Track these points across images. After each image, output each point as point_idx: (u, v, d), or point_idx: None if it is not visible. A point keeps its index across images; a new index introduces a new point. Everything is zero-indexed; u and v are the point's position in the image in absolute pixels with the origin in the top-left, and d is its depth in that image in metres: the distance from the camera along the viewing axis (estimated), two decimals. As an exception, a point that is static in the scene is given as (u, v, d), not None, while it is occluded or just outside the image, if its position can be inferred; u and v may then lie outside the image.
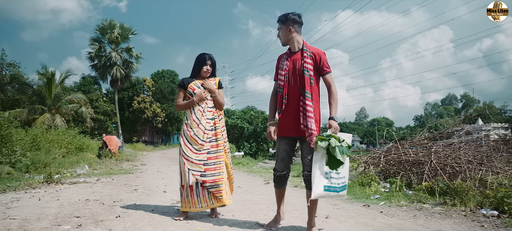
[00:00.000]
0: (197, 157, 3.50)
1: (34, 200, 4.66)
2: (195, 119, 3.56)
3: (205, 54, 3.69)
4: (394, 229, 3.20)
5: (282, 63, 3.06)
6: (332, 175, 2.75)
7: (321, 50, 3.02)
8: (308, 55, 2.96)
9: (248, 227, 3.26)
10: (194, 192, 3.48)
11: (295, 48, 3.04)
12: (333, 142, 2.72)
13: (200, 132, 3.53)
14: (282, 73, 3.02)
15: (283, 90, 3.00)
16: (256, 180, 7.76)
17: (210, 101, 3.65)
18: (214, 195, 3.49)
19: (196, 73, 3.70)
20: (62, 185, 6.33)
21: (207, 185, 3.47)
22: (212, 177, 3.48)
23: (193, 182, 3.46)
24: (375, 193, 5.19)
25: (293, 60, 3.01)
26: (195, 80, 3.68)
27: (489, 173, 4.65)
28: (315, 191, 2.70)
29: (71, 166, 9.76)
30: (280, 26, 3.08)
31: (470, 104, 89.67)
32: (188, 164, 3.49)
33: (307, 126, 2.85)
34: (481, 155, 5.15)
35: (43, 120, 20.17)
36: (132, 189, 5.80)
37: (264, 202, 4.70)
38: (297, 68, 2.97)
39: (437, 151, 5.62)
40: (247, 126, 33.19)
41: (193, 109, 3.60)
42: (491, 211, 3.80)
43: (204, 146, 3.52)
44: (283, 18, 3.04)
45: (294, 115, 2.94)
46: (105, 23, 31.77)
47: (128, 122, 40.72)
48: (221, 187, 3.49)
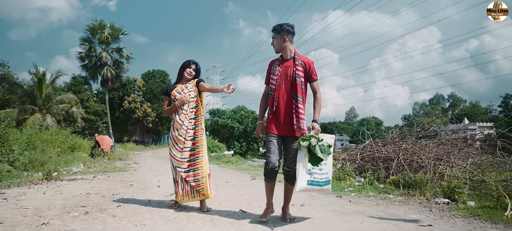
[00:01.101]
0: (181, 155, 3.90)
1: (39, 194, 5.12)
2: (179, 120, 3.95)
3: (190, 60, 4.10)
4: (357, 213, 3.76)
5: (274, 68, 3.35)
6: (315, 170, 3.10)
7: (310, 60, 3.35)
8: (299, 64, 3.28)
9: (232, 212, 3.80)
10: (179, 186, 3.92)
11: (288, 56, 3.35)
12: (313, 141, 3.08)
13: (183, 131, 3.92)
14: (274, 78, 3.32)
15: (274, 93, 3.30)
16: (243, 176, 8.29)
17: (192, 102, 3.99)
18: (196, 190, 3.87)
19: (180, 76, 4.10)
20: (61, 181, 6.77)
21: (189, 179, 3.87)
22: (193, 172, 3.88)
23: (179, 177, 3.91)
24: (349, 186, 5.76)
25: (285, 67, 3.32)
26: (177, 87, 4.05)
27: (446, 168, 5.26)
28: (299, 185, 3.06)
29: (66, 165, 10.16)
30: (274, 35, 3.37)
31: (457, 104, 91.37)
32: (175, 162, 3.93)
33: (300, 127, 3.19)
34: (443, 151, 5.75)
35: (34, 120, 20.31)
36: (128, 185, 6.29)
37: (248, 194, 5.23)
38: (289, 75, 3.28)
39: (406, 148, 6.22)
40: (237, 126, 33.57)
41: (177, 112, 3.98)
42: (443, 199, 4.39)
43: (186, 144, 3.91)
44: (279, 28, 3.33)
45: (284, 116, 3.27)
46: (96, 23, 31.94)
47: (118, 121, 40.89)
48: (202, 181, 3.86)
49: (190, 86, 4.06)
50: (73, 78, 37.73)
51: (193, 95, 4.01)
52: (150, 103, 42.36)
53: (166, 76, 45.99)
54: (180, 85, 4.07)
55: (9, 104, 24.02)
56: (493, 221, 3.30)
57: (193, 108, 4.00)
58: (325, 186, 3.14)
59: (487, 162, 5.30)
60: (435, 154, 5.68)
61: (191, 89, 4.04)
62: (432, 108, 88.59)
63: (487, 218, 3.40)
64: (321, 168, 3.13)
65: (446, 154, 5.58)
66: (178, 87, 4.06)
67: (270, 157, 3.27)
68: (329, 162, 3.18)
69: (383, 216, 3.65)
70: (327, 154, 3.16)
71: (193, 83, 4.08)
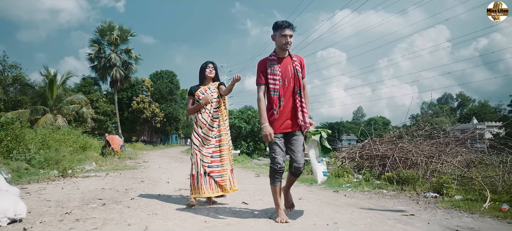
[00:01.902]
0: (207, 150, 4.12)
1: (58, 188, 5.55)
2: (202, 119, 4.17)
3: (206, 61, 4.39)
4: (349, 205, 4.11)
5: (274, 68, 3.30)
6: (323, 162, 3.33)
7: (302, 57, 3.46)
8: (296, 60, 3.37)
9: (235, 204, 4.18)
10: (202, 179, 4.06)
11: (286, 54, 3.37)
12: (324, 134, 3.25)
13: (207, 129, 4.15)
14: (276, 78, 3.28)
15: (279, 92, 3.28)
16: (248, 174, 8.66)
17: (216, 102, 4.22)
18: (219, 184, 4.08)
19: (202, 78, 4.36)
20: (76, 178, 7.21)
21: (213, 175, 4.07)
22: (218, 168, 4.10)
23: (203, 171, 4.08)
24: (347, 183, 6.09)
25: (284, 65, 3.32)
26: (201, 87, 4.31)
27: (438, 164, 5.58)
28: (320, 178, 3.30)
29: (79, 163, 10.62)
30: (292, 33, 3.30)
31: (465, 104, 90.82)
32: (200, 155, 4.11)
33: (305, 120, 3.27)
34: (436, 149, 6.06)
35: (45, 120, 20.85)
36: (139, 181, 6.69)
37: (251, 190, 5.59)
38: (291, 71, 3.30)
39: (403, 147, 6.53)
40: (245, 126, 33.94)
41: (200, 111, 4.21)
42: (432, 194, 4.72)
43: (210, 141, 4.13)
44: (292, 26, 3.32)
45: (291, 113, 3.29)
46: (105, 25, 32.61)
47: (127, 121, 41.54)
48: (225, 177, 4.10)
49: (213, 87, 4.31)
50: (83, 79, 38.44)
51: (216, 96, 4.26)
52: (158, 104, 42.92)
53: (174, 77, 46.53)
54: (203, 86, 4.33)
55: (21, 105, 24.64)
56: (471, 211, 3.63)
57: (216, 108, 4.23)
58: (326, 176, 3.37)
59: (476, 160, 5.60)
60: (427, 151, 5.99)
61: (214, 91, 4.29)
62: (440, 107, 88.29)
63: (466, 209, 3.72)
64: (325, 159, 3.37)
65: (438, 152, 5.89)
66: (201, 88, 4.32)
67: (277, 158, 3.23)
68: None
69: (373, 207, 3.99)
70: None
71: (215, 85, 4.34)
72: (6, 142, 9.55)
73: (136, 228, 2.93)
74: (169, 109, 42.91)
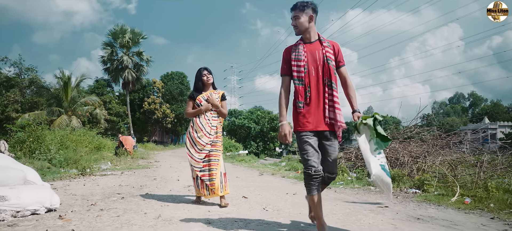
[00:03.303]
0: (199, 155, 4.25)
1: (80, 185, 6.21)
2: (199, 124, 4.29)
3: (200, 68, 4.44)
4: (335, 199, 4.68)
5: (299, 53, 2.83)
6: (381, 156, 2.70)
7: (336, 42, 2.96)
8: (328, 45, 2.87)
9: (236, 198, 4.79)
10: (195, 183, 4.34)
11: (312, 39, 2.89)
12: (377, 117, 2.70)
13: (204, 136, 4.26)
14: (301, 64, 2.80)
15: (304, 81, 2.80)
16: (252, 173, 9.27)
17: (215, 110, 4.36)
18: (210, 188, 4.21)
19: (198, 85, 4.40)
20: (95, 176, 7.88)
21: (204, 178, 4.23)
22: (208, 172, 4.23)
23: (195, 176, 4.31)
24: (341, 181, 6.65)
25: (311, 50, 2.85)
26: (203, 93, 4.39)
27: (423, 164, 6.11)
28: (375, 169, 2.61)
29: (95, 162, 11.35)
30: (297, 14, 2.85)
31: (477, 103, 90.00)
32: (191, 161, 4.30)
33: (336, 119, 2.73)
34: (422, 150, 6.57)
35: (60, 121, 21.53)
36: (152, 179, 7.34)
37: (253, 186, 6.19)
38: (319, 58, 2.81)
39: (394, 148, 7.06)
40: (254, 126, 34.50)
41: (199, 116, 4.33)
42: (414, 190, 5.26)
43: (205, 147, 4.25)
44: (303, 6, 2.84)
45: (320, 108, 2.77)
46: (117, 28, 33.60)
47: (139, 122, 42.49)
48: (215, 181, 4.18)
49: (216, 95, 4.39)
50: (96, 81, 39.50)
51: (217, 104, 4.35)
52: (169, 105, 43.80)
53: (185, 78, 47.37)
54: (205, 93, 4.40)
55: (37, 107, 25.47)
56: (439, 204, 4.18)
57: (215, 116, 4.36)
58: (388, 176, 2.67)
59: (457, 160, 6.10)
60: (414, 152, 6.51)
61: (216, 99, 4.37)
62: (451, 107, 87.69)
63: (436, 202, 4.27)
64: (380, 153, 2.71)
65: (424, 153, 6.40)
66: (204, 94, 4.39)
67: (310, 160, 2.67)
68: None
69: (356, 201, 4.56)
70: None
71: (219, 94, 4.43)
72: (28, 143, 10.31)
73: (151, 216, 3.55)
74: (180, 110, 43.75)
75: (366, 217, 3.48)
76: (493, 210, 3.76)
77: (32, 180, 4.29)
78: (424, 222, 3.32)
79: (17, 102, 26.16)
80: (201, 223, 3.28)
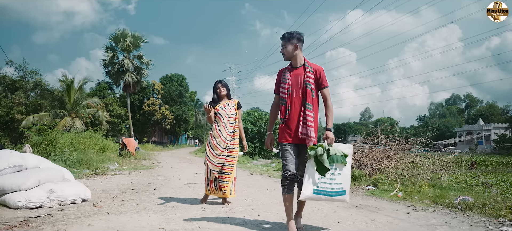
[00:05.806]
0: (217, 160, 4.70)
1: (98, 182, 7.46)
2: (218, 130, 4.75)
3: (216, 81, 4.92)
4: (304, 194, 5.94)
5: (285, 77, 3.36)
6: (324, 180, 3.12)
7: (320, 67, 3.35)
8: (310, 70, 3.30)
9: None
10: (212, 184, 4.80)
11: (297, 64, 3.36)
12: (319, 150, 3.10)
13: (222, 141, 4.71)
14: (285, 87, 3.32)
15: (286, 102, 3.31)
16: (243, 173, 10.52)
17: (232, 118, 4.79)
18: (221, 189, 4.73)
19: (214, 96, 4.88)
20: (107, 175, 9.13)
21: (219, 180, 4.73)
22: (223, 175, 4.72)
23: (213, 177, 4.76)
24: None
25: (295, 75, 3.33)
26: (220, 103, 4.84)
27: (381, 165, 7.38)
28: (304, 193, 3.11)
29: (103, 163, 12.59)
30: (284, 43, 3.36)
31: (473, 105, 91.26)
32: (210, 166, 4.72)
33: (307, 134, 3.21)
34: (383, 154, 7.81)
35: (64, 123, 22.48)
36: (157, 177, 8.61)
37: (241, 184, 7.44)
38: (300, 82, 3.29)
39: (364, 151, 8.31)
40: (251, 127, 35.48)
41: (218, 124, 4.77)
42: (371, 187, 6.52)
43: (223, 152, 4.70)
44: (289, 36, 3.33)
45: (297, 124, 3.26)
46: (118, 33, 34.94)
47: (139, 123, 43.69)
48: (226, 184, 4.70)
49: (232, 104, 4.84)
50: (98, 84, 40.76)
51: (233, 113, 4.81)
52: (168, 106, 44.99)
53: (183, 80, 48.61)
54: (223, 102, 4.86)
55: (41, 109, 26.45)
56: (379, 197, 5.45)
57: (232, 123, 4.80)
58: (336, 196, 3.16)
59: (410, 163, 7.40)
60: (376, 156, 7.76)
61: (232, 108, 4.83)
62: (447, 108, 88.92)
63: (378, 195, 5.55)
64: (332, 178, 3.15)
65: (384, 156, 7.67)
66: (221, 103, 4.85)
67: (288, 165, 3.23)
68: (345, 172, 3.22)
69: (319, 195, 5.82)
70: (343, 164, 3.21)
71: (235, 103, 4.89)
72: (44, 145, 11.54)
73: (161, 204, 4.81)
74: (179, 112, 44.96)
75: (319, 205, 4.74)
76: (415, 201, 5.03)
77: (68, 178, 5.56)
78: (359, 208, 4.59)
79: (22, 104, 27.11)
80: (198, 208, 4.55)
